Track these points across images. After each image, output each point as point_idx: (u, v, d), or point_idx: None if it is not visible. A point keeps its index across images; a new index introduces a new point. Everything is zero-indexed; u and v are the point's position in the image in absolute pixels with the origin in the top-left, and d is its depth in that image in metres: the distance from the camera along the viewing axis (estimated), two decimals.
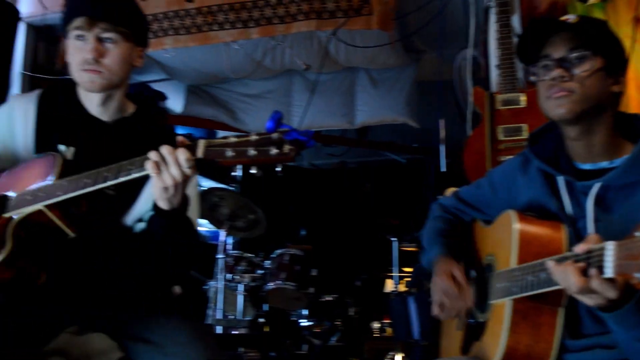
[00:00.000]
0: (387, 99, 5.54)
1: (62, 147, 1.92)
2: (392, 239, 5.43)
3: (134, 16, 1.97)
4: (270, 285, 4.54)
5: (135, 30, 1.94)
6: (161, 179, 1.59)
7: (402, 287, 5.35)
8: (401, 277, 5.54)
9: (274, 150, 1.48)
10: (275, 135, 1.49)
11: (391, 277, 5.80)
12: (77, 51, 1.89)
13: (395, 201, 6.72)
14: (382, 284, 6.38)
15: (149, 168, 1.59)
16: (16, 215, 1.74)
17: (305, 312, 4.80)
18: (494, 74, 3.56)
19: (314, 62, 4.96)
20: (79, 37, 1.88)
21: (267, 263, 4.72)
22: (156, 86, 5.30)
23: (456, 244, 2.07)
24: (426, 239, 2.18)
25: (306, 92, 5.52)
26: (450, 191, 2.35)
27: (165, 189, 1.61)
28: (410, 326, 4.03)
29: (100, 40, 1.87)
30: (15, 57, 4.71)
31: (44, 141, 1.95)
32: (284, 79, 5.82)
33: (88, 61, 1.86)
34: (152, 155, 1.59)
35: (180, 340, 1.74)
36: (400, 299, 4.32)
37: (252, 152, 1.49)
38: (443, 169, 3.97)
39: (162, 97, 4.82)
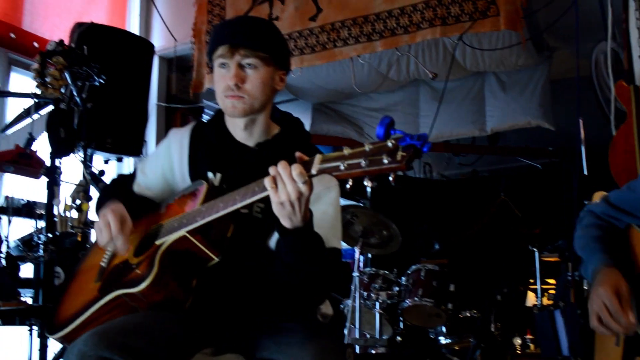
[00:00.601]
0: (518, 102, 5.39)
1: (210, 175, 2.00)
2: (533, 249, 5.21)
3: (274, 41, 2.00)
4: (407, 302, 4.41)
5: (275, 54, 1.98)
6: (277, 194, 1.58)
7: (545, 300, 5.11)
8: (544, 290, 5.30)
9: (386, 159, 1.39)
10: (389, 143, 1.40)
11: (533, 290, 5.57)
12: (221, 78, 1.95)
13: (533, 209, 6.46)
14: (524, 298, 6.13)
15: (266, 183, 1.59)
16: (164, 241, 1.82)
17: (443, 329, 4.67)
18: (638, 66, 3.35)
19: (440, 70, 4.88)
20: (222, 65, 1.94)
21: (402, 280, 4.65)
22: (283, 107, 5.41)
23: (616, 252, 1.95)
24: (583, 249, 2.05)
25: (433, 101, 5.46)
26: (598, 195, 2.22)
27: (282, 205, 1.60)
28: (559, 342, 3.86)
29: (241, 66, 1.93)
30: (150, 89, 4.96)
31: (196, 170, 2.04)
32: (410, 90, 5.78)
33: (230, 87, 1.92)
34: (271, 170, 1.59)
35: (304, 359, 1.72)
36: (547, 313, 4.13)
37: (363, 163, 1.42)
38: (585, 172, 3.77)
39: None
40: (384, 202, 5.58)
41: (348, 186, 1.49)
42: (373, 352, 4.39)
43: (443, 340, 4.59)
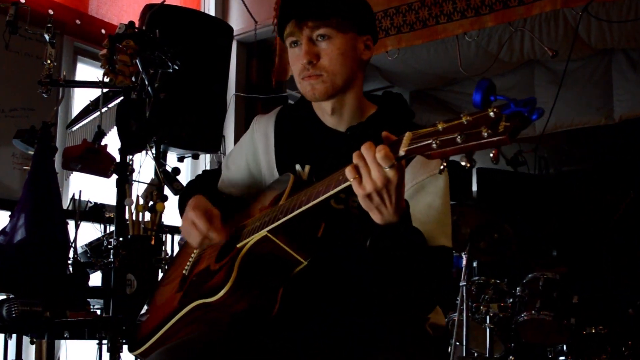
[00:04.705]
0: None
1: (298, 167, 1.94)
2: None
3: (346, 1, 1.88)
4: (523, 316, 4.33)
5: (350, 16, 1.86)
6: (362, 186, 1.46)
7: None
8: None
9: (485, 132, 1.24)
10: (491, 113, 1.25)
11: None
12: (295, 60, 1.88)
13: None
14: None
15: (347, 173, 1.48)
16: (245, 244, 1.75)
17: (564, 347, 4.50)
18: None
19: (559, 48, 4.73)
20: (293, 43, 1.88)
21: (517, 290, 4.52)
22: None
23: None
24: None
25: (551, 85, 5.38)
26: None
27: (368, 196, 1.48)
28: None
29: (312, 40, 1.83)
30: (229, 78, 4.94)
31: (284, 161, 1.98)
32: (523, 73, 5.70)
33: (305, 67, 1.84)
34: (354, 156, 1.48)
35: None
36: None
37: (459, 138, 1.27)
38: None
39: None
40: (492, 202, 5.45)
41: (442, 167, 1.35)
42: None
43: None
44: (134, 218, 3.56)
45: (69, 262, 3.32)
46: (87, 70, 4.96)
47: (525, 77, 5.69)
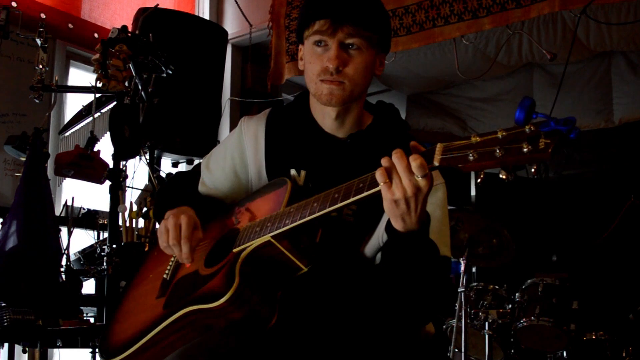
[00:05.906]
0: None
1: (293, 172, 1.93)
2: None
3: (381, 18, 1.91)
4: (523, 322, 4.32)
5: (381, 34, 1.89)
6: (391, 190, 1.51)
7: None
8: None
9: (526, 148, 1.31)
10: (527, 129, 1.32)
11: None
12: (316, 59, 1.86)
13: None
14: None
15: (378, 176, 1.52)
16: (244, 248, 1.75)
17: (564, 353, 4.49)
18: None
19: (558, 51, 4.71)
20: (318, 42, 1.85)
21: (516, 296, 4.52)
22: (373, 99, 5.35)
23: None
24: None
25: (550, 88, 5.32)
26: None
27: (396, 202, 1.53)
28: None
29: (343, 46, 1.83)
30: (223, 82, 4.95)
31: (275, 166, 1.97)
32: (521, 76, 5.68)
33: (329, 70, 1.83)
34: (384, 161, 1.52)
35: None
36: None
37: (498, 152, 1.34)
38: None
39: None
40: (491, 207, 5.44)
41: (479, 180, 1.39)
42: None
43: None
44: (127, 225, 3.56)
45: (62, 269, 3.31)
46: (79, 75, 4.94)
47: (524, 80, 5.68)
